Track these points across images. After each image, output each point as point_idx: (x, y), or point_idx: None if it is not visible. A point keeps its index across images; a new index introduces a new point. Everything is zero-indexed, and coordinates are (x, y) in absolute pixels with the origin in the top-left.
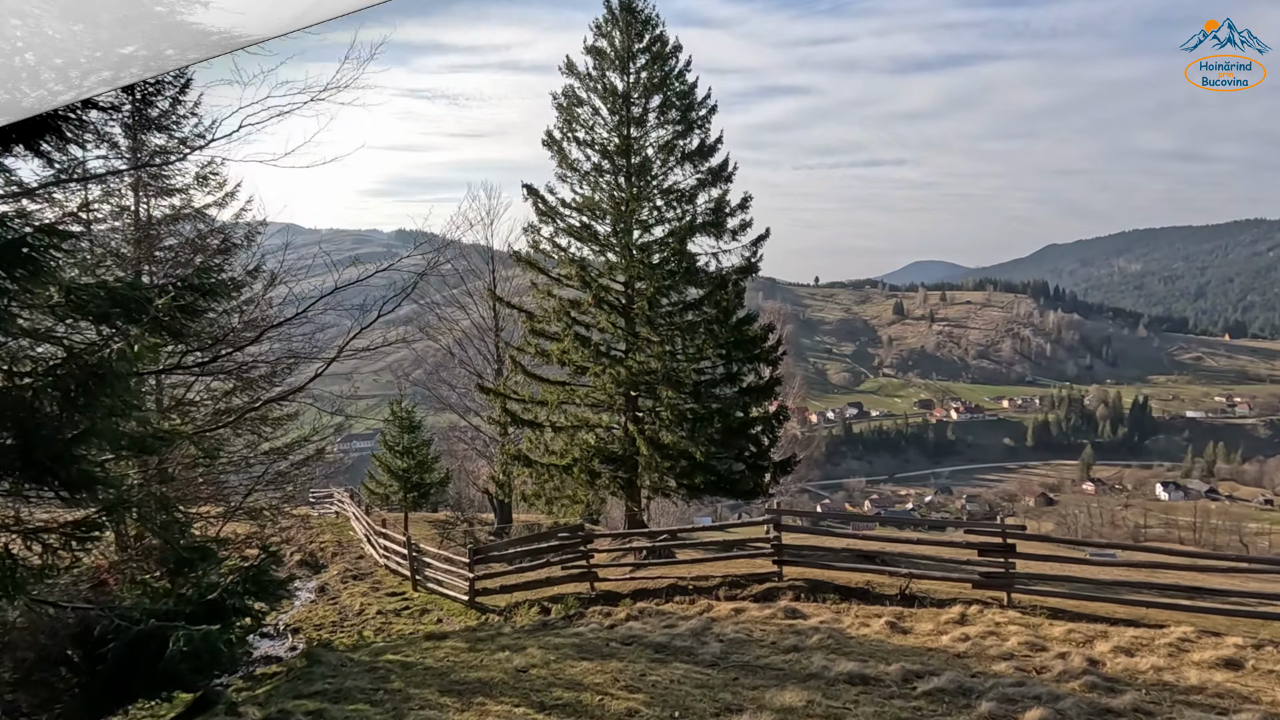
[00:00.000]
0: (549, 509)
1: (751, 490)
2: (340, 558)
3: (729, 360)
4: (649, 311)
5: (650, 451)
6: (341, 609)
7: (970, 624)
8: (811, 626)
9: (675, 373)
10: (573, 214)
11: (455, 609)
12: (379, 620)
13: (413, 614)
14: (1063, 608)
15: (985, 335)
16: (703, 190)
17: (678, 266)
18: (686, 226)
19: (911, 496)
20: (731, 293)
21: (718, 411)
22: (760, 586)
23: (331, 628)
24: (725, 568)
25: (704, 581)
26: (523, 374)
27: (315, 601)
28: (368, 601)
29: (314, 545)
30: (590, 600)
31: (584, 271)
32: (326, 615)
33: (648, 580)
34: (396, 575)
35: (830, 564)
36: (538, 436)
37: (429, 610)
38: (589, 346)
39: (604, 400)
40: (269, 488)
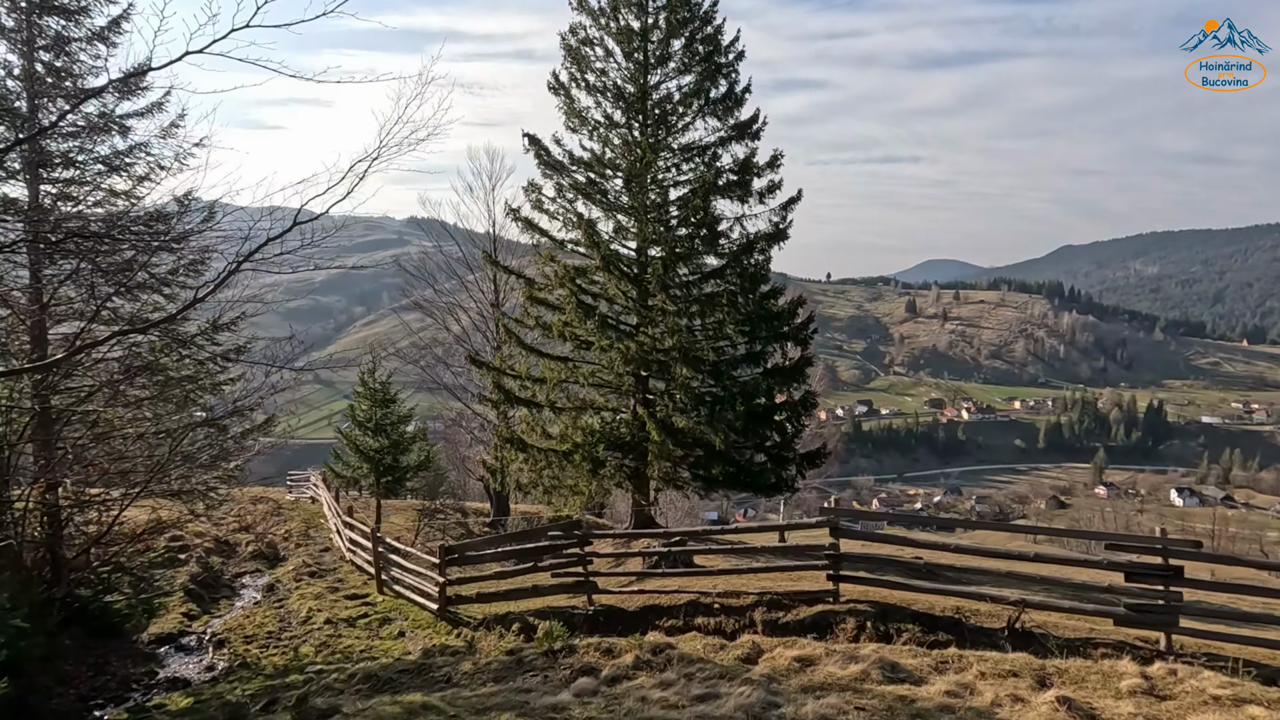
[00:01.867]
0: (547, 500)
1: (774, 485)
2: (304, 549)
3: (752, 337)
4: (664, 280)
5: (662, 437)
6: (286, 615)
7: (1167, 696)
8: (938, 705)
9: (692, 349)
10: (580, 170)
11: (422, 619)
12: (326, 631)
13: (370, 624)
14: (1264, 660)
15: (998, 335)
16: (726, 147)
17: (697, 230)
18: (709, 183)
19: (920, 496)
20: (757, 261)
21: (740, 394)
22: (809, 610)
23: (266, 640)
24: (758, 580)
25: (734, 599)
26: (519, 346)
27: (259, 603)
28: (320, 606)
29: (277, 534)
30: (587, 619)
31: (591, 232)
32: (265, 622)
33: (660, 594)
34: (363, 574)
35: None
36: (535, 418)
37: (390, 620)
38: (595, 318)
39: (610, 380)
40: (202, 465)
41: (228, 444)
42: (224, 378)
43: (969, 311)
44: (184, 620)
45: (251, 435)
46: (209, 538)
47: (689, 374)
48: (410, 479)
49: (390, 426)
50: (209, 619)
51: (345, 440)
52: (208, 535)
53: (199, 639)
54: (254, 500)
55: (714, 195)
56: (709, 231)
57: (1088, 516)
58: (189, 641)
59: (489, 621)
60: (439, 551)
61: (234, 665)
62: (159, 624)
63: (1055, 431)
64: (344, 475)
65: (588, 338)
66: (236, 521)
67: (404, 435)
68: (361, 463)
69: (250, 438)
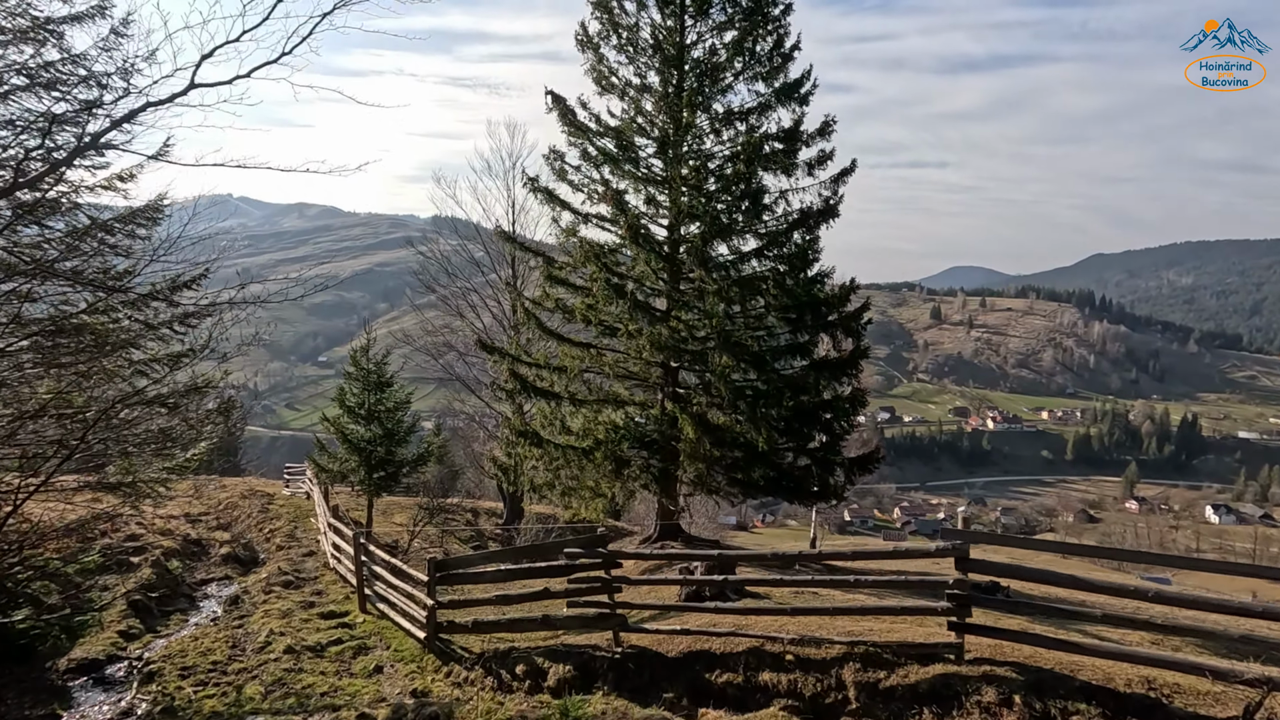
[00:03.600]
0: (565, 502)
1: (819, 491)
2: (285, 553)
3: (797, 326)
4: (703, 255)
5: (698, 434)
6: (242, 637)
7: None
8: None
9: (733, 335)
10: (608, 137)
11: (407, 649)
12: (285, 663)
13: (342, 654)
14: None
15: (1026, 344)
16: (770, 112)
17: (739, 202)
18: (755, 146)
19: (944, 506)
20: (805, 240)
21: (788, 387)
22: (923, 671)
23: (207, 673)
24: (841, 622)
25: (812, 648)
26: (537, 328)
27: (217, 620)
28: (285, 627)
29: (258, 534)
30: (613, 666)
31: (619, 201)
32: (214, 648)
33: (711, 636)
34: (347, 585)
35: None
36: (554, 411)
37: (368, 648)
38: (624, 297)
39: (637, 371)
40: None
41: (178, 427)
42: (181, 348)
43: (995, 319)
44: (118, 641)
45: (211, 419)
46: (177, 537)
47: (729, 363)
48: (407, 474)
49: (385, 414)
50: (151, 639)
51: (332, 429)
52: (177, 534)
53: (129, 667)
54: (245, 495)
55: (758, 164)
56: (752, 203)
57: (1119, 532)
58: (115, 671)
59: (488, 659)
60: (428, 566)
61: (156, 711)
62: (87, 645)
63: (1084, 443)
64: (330, 468)
65: (613, 322)
66: (216, 519)
67: (400, 424)
68: (350, 455)
69: (210, 422)
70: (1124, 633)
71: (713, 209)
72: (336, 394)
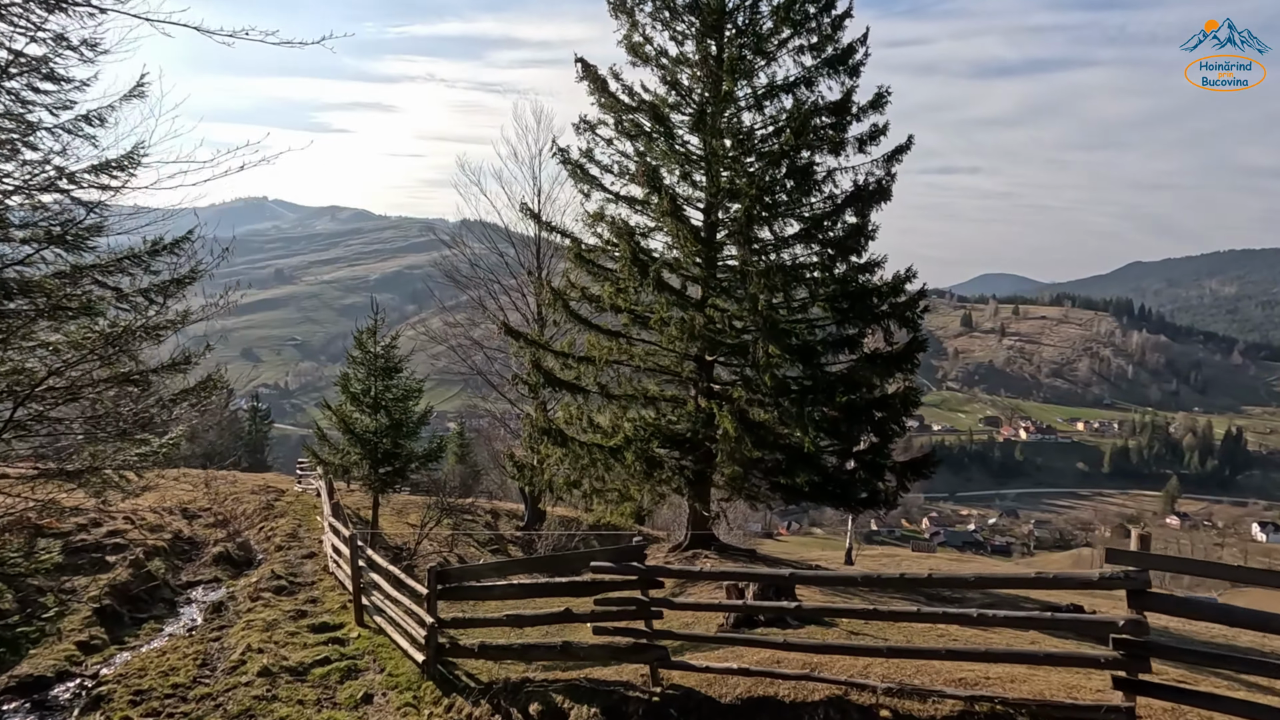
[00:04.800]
0: (590, 504)
1: (867, 498)
2: (283, 554)
3: (846, 316)
4: (746, 234)
5: (738, 433)
6: (215, 654)
7: None
8: None
9: (779, 322)
10: (642, 113)
11: (404, 674)
12: (258, 689)
13: (327, 679)
14: None
15: (1060, 353)
16: (815, 86)
17: (784, 179)
18: (805, 115)
19: (974, 517)
20: (855, 224)
21: (840, 381)
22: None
23: (163, 700)
24: (944, 668)
25: (915, 704)
26: (564, 312)
27: (193, 630)
28: (266, 642)
29: (257, 532)
30: (650, 711)
31: (654, 176)
32: (180, 666)
33: (776, 678)
34: (346, 592)
35: (1258, 706)
36: (580, 406)
37: (359, 671)
38: (653, 278)
39: (668, 364)
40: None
41: (151, 409)
42: (160, 319)
43: (1029, 327)
44: (75, 654)
45: (188, 399)
46: (168, 534)
47: (775, 353)
48: (416, 470)
49: (393, 403)
50: (115, 652)
51: (335, 418)
52: (168, 530)
53: (79, 689)
54: (254, 490)
55: (807, 134)
56: (799, 181)
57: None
58: (61, 692)
59: (497, 692)
60: (428, 577)
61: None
62: (38, 658)
63: (1122, 456)
64: (331, 460)
65: (643, 310)
66: (215, 515)
67: (409, 414)
68: (353, 447)
69: (185, 401)
70: None
71: (757, 184)
72: (340, 380)
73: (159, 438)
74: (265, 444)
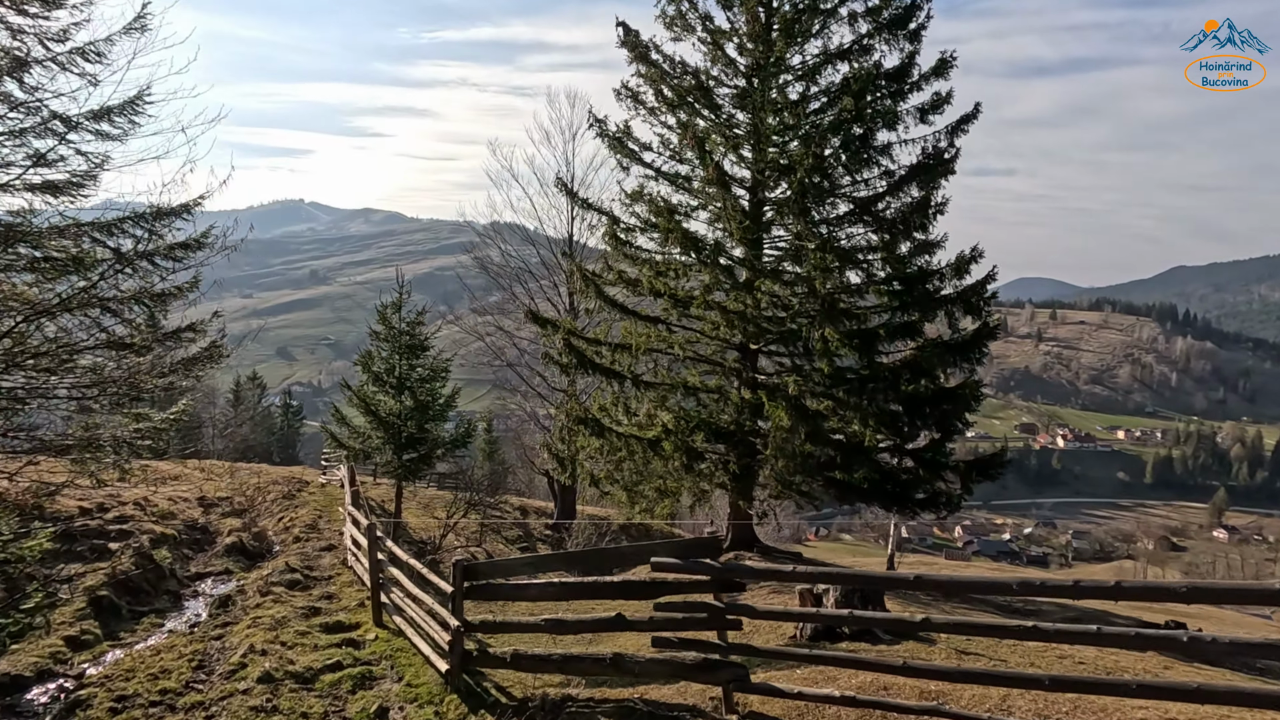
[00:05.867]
0: (628, 499)
1: (928, 499)
2: (301, 545)
3: (904, 301)
4: (802, 205)
5: (792, 423)
6: (215, 654)
7: None
8: None
9: (839, 302)
10: (686, 79)
11: (425, 685)
12: (257, 698)
13: (337, 688)
14: None
15: (1100, 359)
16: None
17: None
18: (863, 84)
19: (1009, 527)
20: (916, 200)
21: (905, 367)
22: None
23: (148, 708)
24: (1100, 703)
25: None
26: (596, 296)
27: (196, 626)
28: (271, 643)
29: (275, 522)
30: None
31: (700, 147)
32: (173, 668)
33: (889, 711)
34: (364, 588)
35: None
36: (616, 394)
37: (373, 679)
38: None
39: (710, 353)
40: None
41: (144, 378)
42: (164, 285)
43: (1067, 332)
44: (62, 651)
45: (197, 368)
46: (180, 521)
47: (833, 336)
48: (442, 456)
49: (418, 384)
50: (107, 649)
51: (355, 399)
52: (181, 518)
53: (58, 691)
54: (277, 480)
55: (868, 94)
56: (857, 150)
57: (1208, 562)
58: (39, 695)
59: (533, 710)
60: (453, 573)
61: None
62: (19, 654)
63: (1165, 466)
64: (350, 444)
65: (684, 295)
66: (233, 503)
67: (436, 396)
68: (375, 430)
69: (193, 372)
70: None
71: (813, 154)
72: (360, 358)
73: (159, 412)
74: (297, 439)
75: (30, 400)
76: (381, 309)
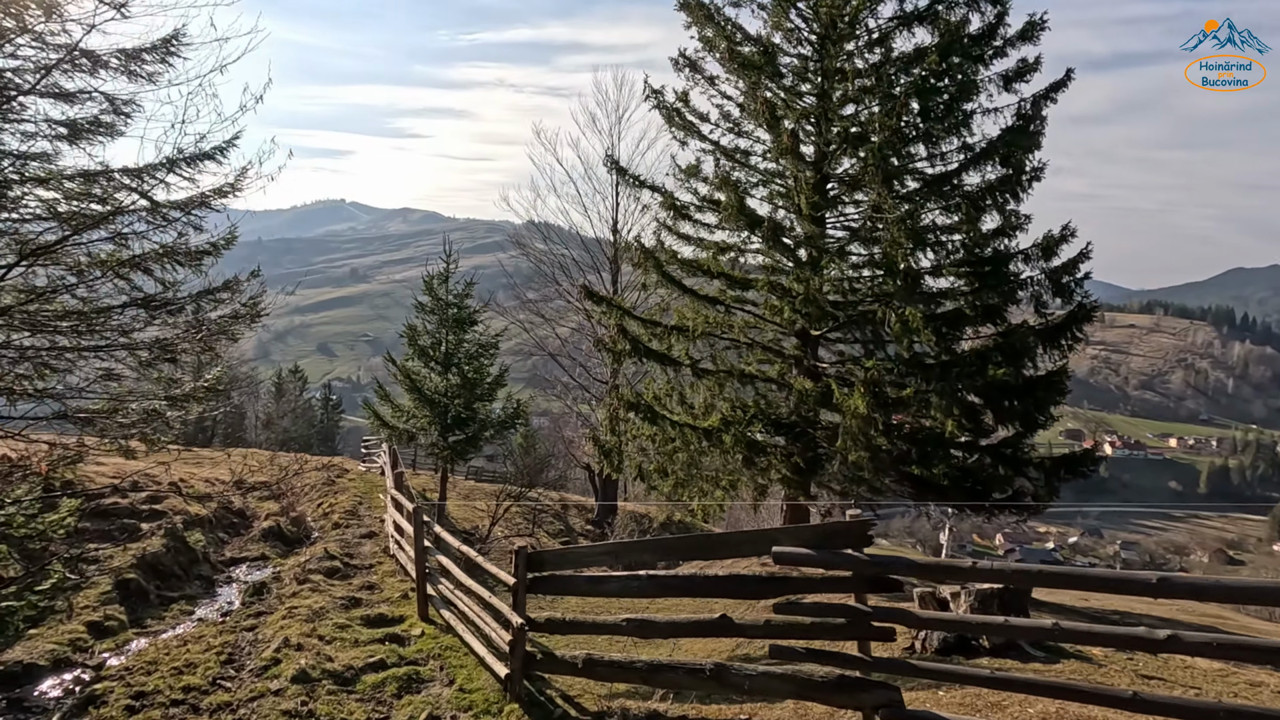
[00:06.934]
0: (679, 493)
1: (1010, 499)
2: (340, 531)
3: (986, 282)
4: (885, 172)
5: (869, 412)
6: (245, 648)
7: None
8: None
9: (919, 281)
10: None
11: (480, 690)
12: (290, 701)
13: (380, 692)
14: None
15: (1151, 364)
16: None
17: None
18: (948, 42)
19: (1052, 535)
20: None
21: (997, 350)
22: None
23: (168, 708)
24: None
25: None
26: (654, 269)
27: (227, 615)
28: (308, 636)
29: (314, 508)
30: None
31: (772, 113)
32: (200, 662)
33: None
34: (408, 578)
35: None
36: (671, 380)
37: (421, 682)
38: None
39: (769, 339)
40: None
41: (177, 340)
42: (199, 240)
43: (1115, 336)
44: (83, 638)
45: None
46: (215, 503)
47: (914, 316)
48: (491, 438)
49: (466, 360)
50: (132, 637)
51: (400, 375)
52: (216, 499)
53: (74, 684)
54: (316, 468)
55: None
56: (942, 113)
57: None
58: (50, 688)
59: None
60: (515, 561)
61: None
62: (37, 640)
63: (1221, 475)
64: (394, 424)
65: (742, 276)
66: (271, 488)
67: (483, 374)
68: (420, 409)
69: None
70: None
71: (895, 114)
72: (406, 331)
73: (191, 379)
74: (336, 433)
75: (57, 364)
76: (428, 279)
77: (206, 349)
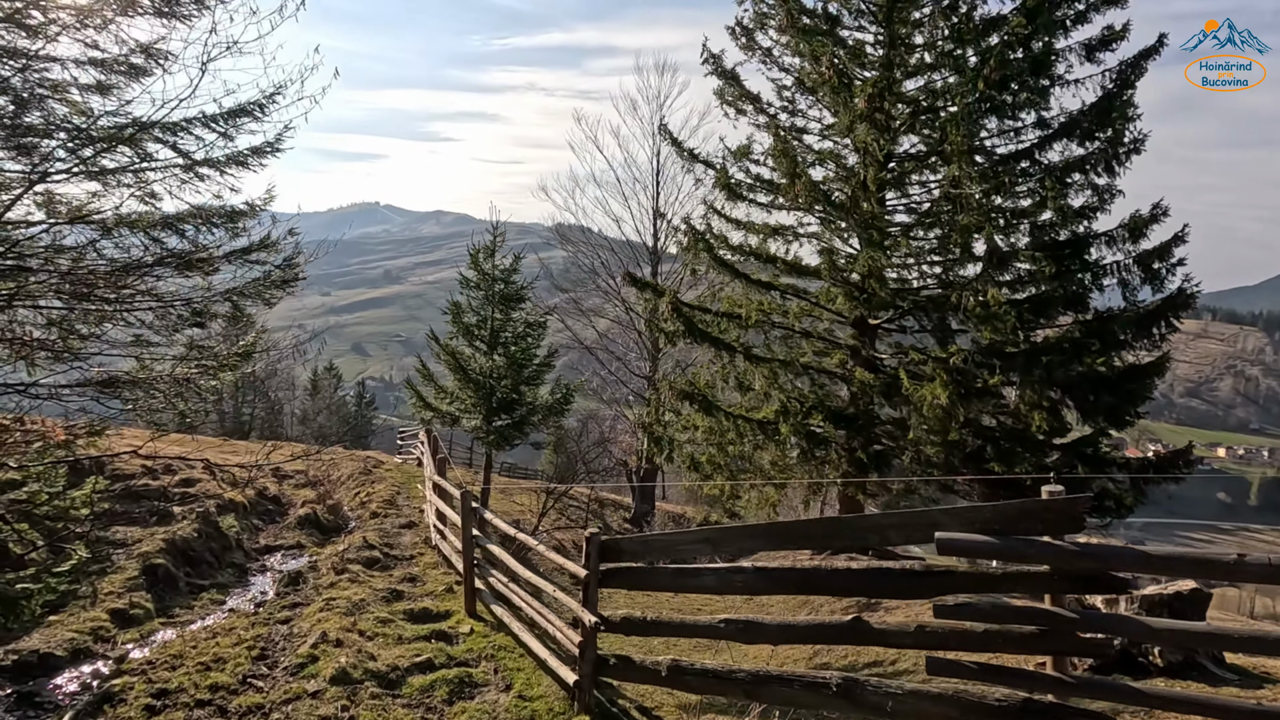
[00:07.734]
0: (731, 489)
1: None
2: (379, 520)
3: (1064, 269)
4: (969, 130)
5: (951, 403)
6: (279, 642)
7: None
8: None
9: (1006, 261)
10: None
11: (541, 697)
12: (331, 703)
13: (429, 697)
14: None
15: (1197, 370)
16: None
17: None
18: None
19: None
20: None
21: (1091, 335)
22: None
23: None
24: None
25: None
26: (705, 252)
27: (261, 605)
28: (348, 632)
29: (350, 496)
30: None
31: (840, 75)
32: (229, 657)
33: None
34: (451, 571)
35: None
36: (725, 368)
37: (475, 686)
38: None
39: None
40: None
41: (209, 299)
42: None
43: None
44: (105, 626)
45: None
46: (251, 489)
47: (998, 300)
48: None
49: (513, 340)
50: (157, 627)
51: (443, 354)
52: (254, 484)
53: (92, 677)
54: (352, 458)
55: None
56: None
57: None
58: (66, 682)
59: None
60: (586, 549)
61: None
62: (56, 627)
63: (1273, 487)
64: (437, 406)
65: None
66: (307, 476)
67: (530, 354)
68: (465, 391)
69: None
70: None
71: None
72: (450, 308)
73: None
74: (369, 430)
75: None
76: (474, 252)
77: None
